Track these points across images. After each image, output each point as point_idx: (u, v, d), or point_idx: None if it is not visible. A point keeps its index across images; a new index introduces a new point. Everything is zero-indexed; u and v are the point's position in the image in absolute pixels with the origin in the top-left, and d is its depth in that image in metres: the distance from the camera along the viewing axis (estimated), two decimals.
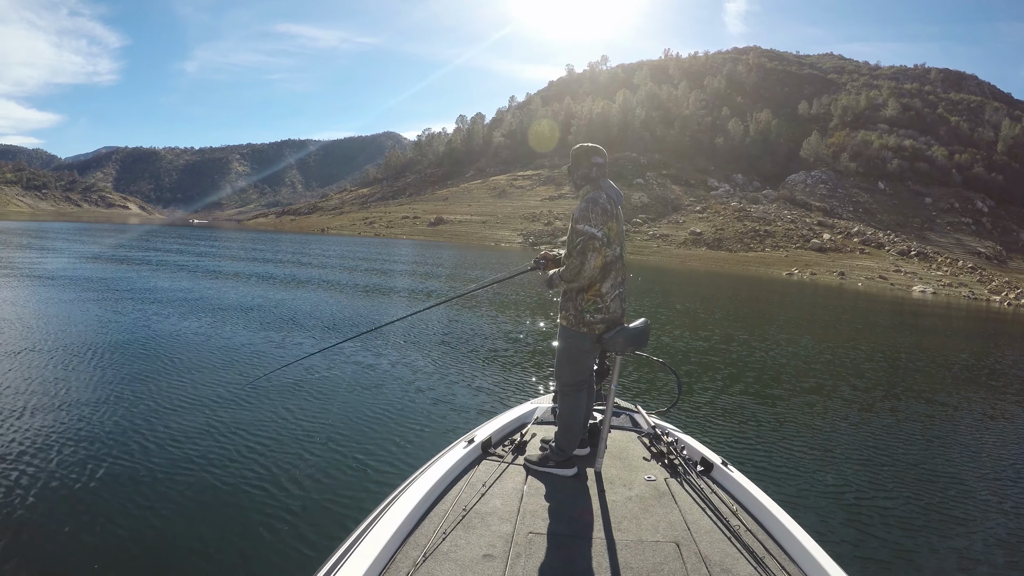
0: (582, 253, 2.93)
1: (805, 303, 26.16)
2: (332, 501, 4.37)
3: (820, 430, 6.91)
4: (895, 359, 12.42)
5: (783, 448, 6.16)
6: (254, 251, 35.89)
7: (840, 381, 9.71)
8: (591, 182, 3.12)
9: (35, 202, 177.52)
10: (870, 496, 5.14)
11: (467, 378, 8.11)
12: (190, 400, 6.43)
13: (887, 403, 8.62)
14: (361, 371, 8.08)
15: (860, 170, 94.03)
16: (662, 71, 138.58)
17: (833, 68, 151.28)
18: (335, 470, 4.91)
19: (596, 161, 3.13)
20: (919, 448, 6.65)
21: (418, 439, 5.72)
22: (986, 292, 44.87)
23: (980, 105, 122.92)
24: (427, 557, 2.19)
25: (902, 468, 5.90)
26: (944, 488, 5.48)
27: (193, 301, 13.38)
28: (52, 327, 9.68)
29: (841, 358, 11.75)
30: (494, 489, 2.78)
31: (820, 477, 5.47)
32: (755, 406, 7.74)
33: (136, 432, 5.41)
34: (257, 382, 6.81)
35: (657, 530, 2.49)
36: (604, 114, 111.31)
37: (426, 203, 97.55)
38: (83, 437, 5.20)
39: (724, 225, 70.76)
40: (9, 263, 19.92)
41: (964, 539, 4.52)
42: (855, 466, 5.83)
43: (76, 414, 5.74)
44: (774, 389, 8.81)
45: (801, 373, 10.07)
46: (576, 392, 3.10)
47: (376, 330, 10.00)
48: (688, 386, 8.35)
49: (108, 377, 7.09)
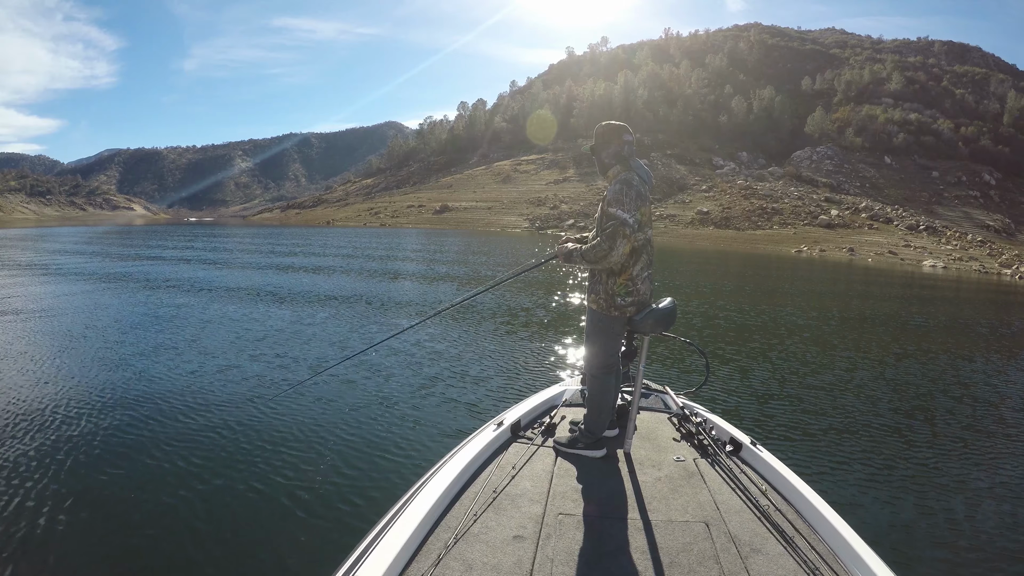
0: (611, 238, 2.86)
1: (819, 280, 26.08)
2: (365, 485, 4.43)
3: (848, 409, 6.79)
4: (922, 336, 12.24)
5: (811, 427, 6.08)
6: (266, 247, 35.95)
7: (865, 358, 9.51)
8: (622, 161, 3.06)
9: (40, 208, 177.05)
10: (901, 474, 5.05)
11: (496, 362, 8.10)
12: (234, 394, 6.47)
13: (915, 379, 8.39)
14: (391, 357, 8.09)
15: (866, 145, 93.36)
16: (663, 51, 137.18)
17: (835, 43, 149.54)
18: (368, 455, 4.96)
19: (626, 139, 3.07)
20: (952, 425, 6.45)
21: (448, 422, 5.75)
22: (996, 265, 44.66)
23: (985, 77, 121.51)
24: (458, 539, 2.21)
25: (934, 445, 5.78)
26: (978, 466, 5.33)
27: (236, 297, 13.50)
28: (59, 329, 9.81)
29: (865, 336, 11.59)
30: (524, 471, 2.80)
31: (849, 456, 5.38)
32: (781, 385, 7.61)
33: (176, 430, 5.44)
34: (299, 386, 6.77)
35: (686, 510, 2.49)
36: (606, 96, 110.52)
37: (430, 191, 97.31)
38: (113, 438, 5.17)
39: (731, 204, 70.52)
40: (30, 266, 20.11)
41: (998, 518, 4.38)
42: (885, 444, 5.73)
43: (106, 415, 5.72)
44: (800, 368, 8.64)
45: (826, 351, 9.90)
46: (605, 374, 3.10)
47: (419, 324, 9.83)
48: (713, 367, 8.19)
49: (134, 376, 7.06)
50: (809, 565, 2.10)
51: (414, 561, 2.08)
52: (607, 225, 2.88)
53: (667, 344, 8.85)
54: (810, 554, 2.17)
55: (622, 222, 2.85)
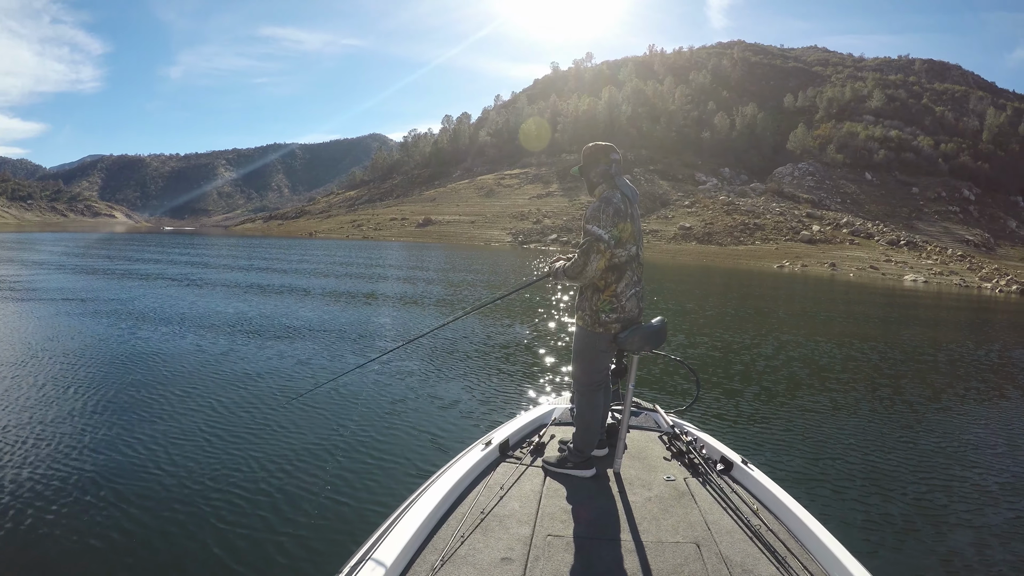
0: (586, 254, 2.90)
1: (802, 296, 25.79)
2: (351, 506, 4.31)
3: (839, 427, 6.71)
4: (909, 352, 12.03)
5: (802, 445, 6.01)
6: (247, 259, 35.19)
7: (855, 375, 9.39)
8: (608, 180, 3.08)
9: (20, 213, 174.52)
10: (893, 493, 4.97)
11: (484, 381, 7.97)
12: (217, 410, 6.36)
13: (906, 397, 8.30)
14: (377, 377, 7.91)
15: (847, 161, 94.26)
16: (647, 67, 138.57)
17: (818, 61, 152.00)
18: (354, 475, 4.84)
19: (613, 158, 3.11)
20: (942, 444, 6.38)
21: (436, 442, 5.68)
22: (977, 279, 44.77)
23: (964, 95, 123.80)
24: (445, 561, 2.17)
25: (925, 464, 5.71)
26: (970, 484, 5.24)
27: (217, 315, 12.71)
28: (52, 342, 9.45)
29: (854, 353, 11.37)
30: (512, 492, 2.75)
31: (841, 474, 5.29)
32: (771, 403, 7.53)
33: (169, 439, 5.43)
34: (290, 402, 6.65)
35: (677, 531, 2.44)
36: (590, 111, 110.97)
37: (414, 204, 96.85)
38: (116, 446, 5.21)
39: (713, 219, 70.58)
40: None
41: (990, 536, 4.33)
42: (877, 462, 5.64)
43: (106, 422, 5.79)
44: (790, 386, 8.54)
45: (815, 369, 9.74)
46: (593, 392, 3.09)
47: (407, 344, 9.60)
48: (703, 385, 8.05)
49: (131, 387, 7.04)
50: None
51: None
52: (583, 241, 2.93)
53: (657, 362, 8.75)
54: (803, 574, 2.15)
55: (596, 238, 2.88)
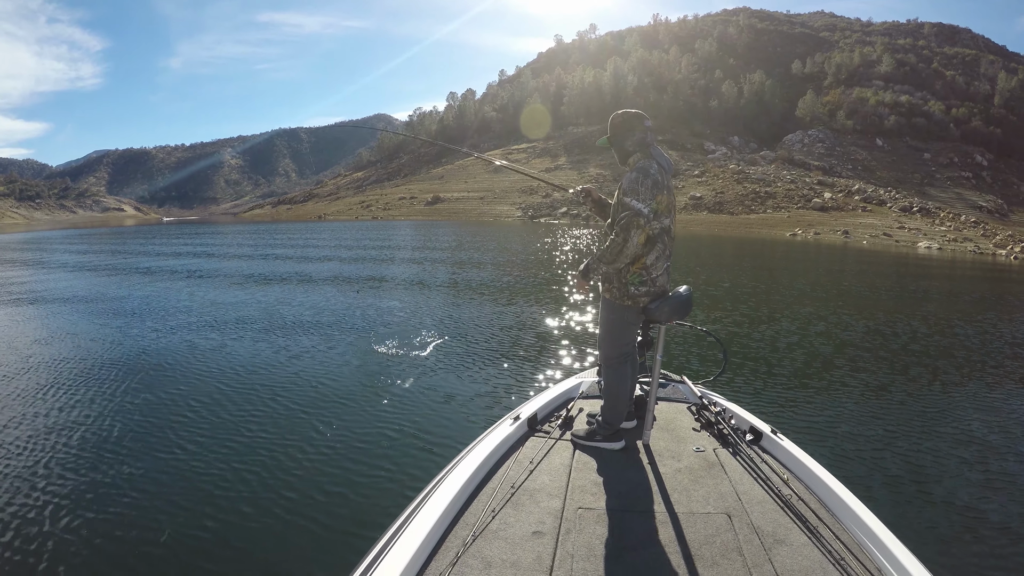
0: (625, 229, 2.76)
1: (820, 264, 25.83)
2: (383, 482, 4.36)
3: (868, 394, 6.64)
4: (933, 323, 11.74)
5: (832, 415, 5.95)
6: (258, 246, 35.46)
7: (879, 345, 9.22)
8: (643, 148, 2.95)
9: (30, 212, 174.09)
10: (927, 462, 4.92)
11: (511, 355, 8.00)
12: (252, 392, 6.45)
13: (933, 367, 8.15)
14: (406, 352, 8.02)
15: (857, 127, 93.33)
16: (652, 37, 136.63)
17: (825, 26, 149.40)
18: (384, 451, 4.88)
19: (647, 125, 2.97)
20: (973, 411, 6.26)
21: (464, 417, 5.69)
22: (991, 246, 44.55)
23: (975, 58, 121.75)
24: (477, 536, 2.18)
25: (956, 430, 5.65)
26: (1010, 459, 5.12)
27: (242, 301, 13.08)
28: (68, 341, 9.57)
29: (874, 322, 11.25)
30: (542, 466, 2.77)
31: (872, 444, 5.24)
32: (799, 373, 7.46)
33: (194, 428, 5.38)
34: (320, 381, 6.73)
35: (708, 501, 2.45)
36: (596, 83, 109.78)
37: (422, 183, 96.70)
38: (122, 442, 5.07)
39: (724, 188, 70.30)
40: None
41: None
42: (908, 431, 5.58)
43: (106, 419, 5.61)
44: (814, 356, 8.44)
45: (838, 339, 9.62)
46: (621, 364, 3.06)
47: (431, 317, 9.66)
48: (729, 355, 8.05)
49: (137, 385, 6.88)
50: (835, 556, 2.04)
51: (433, 560, 2.06)
52: (621, 216, 2.80)
53: (683, 333, 8.74)
54: (835, 544, 2.10)
55: (636, 212, 2.75)
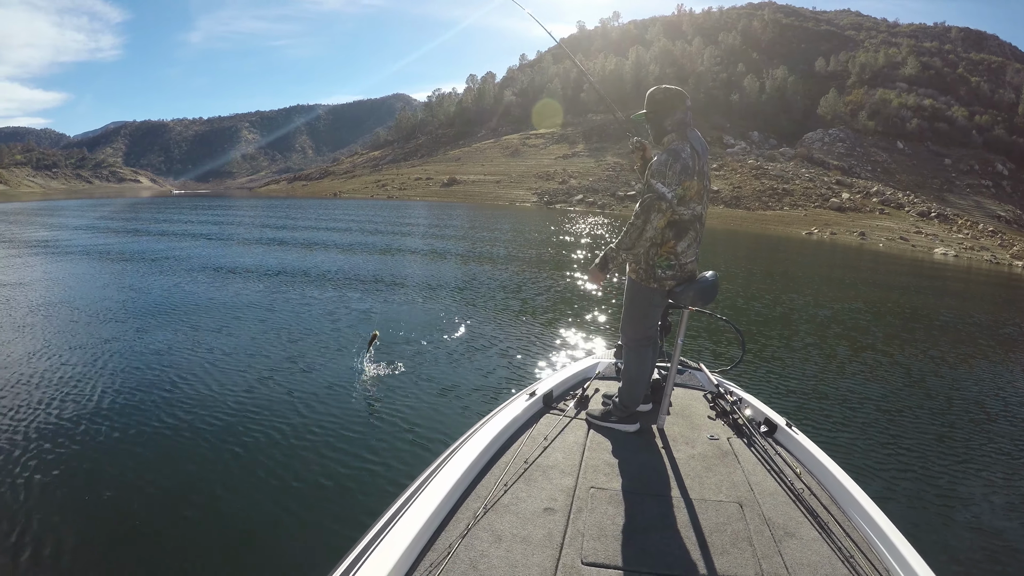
0: (646, 211, 2.70)
1: (837, 265, 25.97)
2: (397, 452, 4.44)
3: (884, 394, 6.74)
4: (950, 325, 12.01)
5: (846, 411, 6.02)
6: (268, 224, 35.62)
7: (895, 345, 9.40)
8: (680, 130, 2.84)
9: (46, 181, 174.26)
10: (938, 462, 4.99)
11: (529, 332, 8.07)
12: (261, 357, 6.63)
13: (953, 365, 8.30)
14: (426, 325, 8.11)
15: (878, 129, 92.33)
16: (675, 27, 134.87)
17: (850, 25, 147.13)
18: (399, 422, 4.94)
19: (688, 104, 2.90)
20: (993, 415, 6.34)
21: (480, 392, 5.76)
22: (1008, 256, 44.33)
23: (1001, 66, 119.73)
24: (488, 509, 2.19)
25: (971, 431, 5.71)
26: (1017, 457, 5.22)
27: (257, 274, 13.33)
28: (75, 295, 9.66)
29: (891, 324, 11.41)
30: (556, 443, 2.78)
31: (884, 441, 5.32)
32: (816, 368, 7.54)
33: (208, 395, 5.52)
34: (341, 350, 6.86)
35: (720, 489, 2.47)
36: (617, 71, 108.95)
37: (438, 164, 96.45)
38: (113, 433, 4.95)
39: (741, 183, 70.02)
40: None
41: None
42: (921, 431, 5.66)
43: (108, 408, 5.47)
44: (830, 352, 8.55)
45: (854, 338, 9.74)
46: (643, 347, 3.05)
47: (454, 294, 9.78)
48: (747, 346, 8.02)
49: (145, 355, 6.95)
50: (843, 552, 2.06)
51: (443, 530, 2.06)
52: (644, 197, 2.75)
53: (702, 321, 8.79)
54: (844, 540, 2.13)
55: (659, 195, 2.70)
